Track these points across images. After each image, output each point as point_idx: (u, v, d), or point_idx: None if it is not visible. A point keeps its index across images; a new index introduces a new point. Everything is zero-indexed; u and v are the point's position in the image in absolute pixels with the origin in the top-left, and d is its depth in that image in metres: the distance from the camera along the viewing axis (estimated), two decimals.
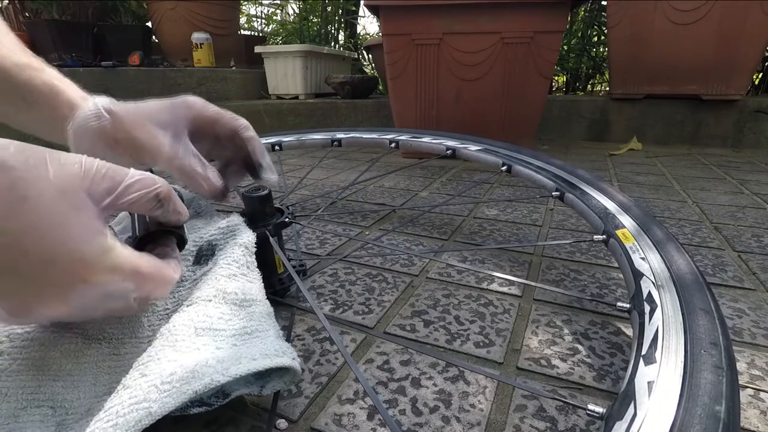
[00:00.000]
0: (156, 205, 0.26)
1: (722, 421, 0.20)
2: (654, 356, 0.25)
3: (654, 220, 0.40)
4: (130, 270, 0.24)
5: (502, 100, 1.16)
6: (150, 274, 0.25)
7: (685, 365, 0.23)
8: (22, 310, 0.22)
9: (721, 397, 0.21)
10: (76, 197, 0.22)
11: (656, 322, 0.28)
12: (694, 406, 0.21)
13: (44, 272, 0.21)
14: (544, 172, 0.55)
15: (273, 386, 0.28)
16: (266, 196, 0.41)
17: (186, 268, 0.34)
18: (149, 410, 0.21)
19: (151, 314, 0.32)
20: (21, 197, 0.19)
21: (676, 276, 0.32)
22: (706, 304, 0.28)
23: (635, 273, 0.34)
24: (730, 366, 0.23)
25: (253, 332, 0.29)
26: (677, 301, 0.29)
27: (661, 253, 0.35)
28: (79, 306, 0.23)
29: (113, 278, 0.23)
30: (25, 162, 0.20)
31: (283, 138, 0.78)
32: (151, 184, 0.25)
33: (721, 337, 0.25)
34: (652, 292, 0.31)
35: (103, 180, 0.23)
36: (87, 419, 0.25)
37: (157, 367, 0.24)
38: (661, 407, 0.21)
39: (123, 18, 2.10)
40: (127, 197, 0.24)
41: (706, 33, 1.31)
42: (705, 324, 0.26)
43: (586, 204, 0.46)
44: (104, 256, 0.22)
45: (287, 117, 1.71)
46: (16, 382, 0.25)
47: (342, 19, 2.62)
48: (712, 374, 0.22)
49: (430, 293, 0.46)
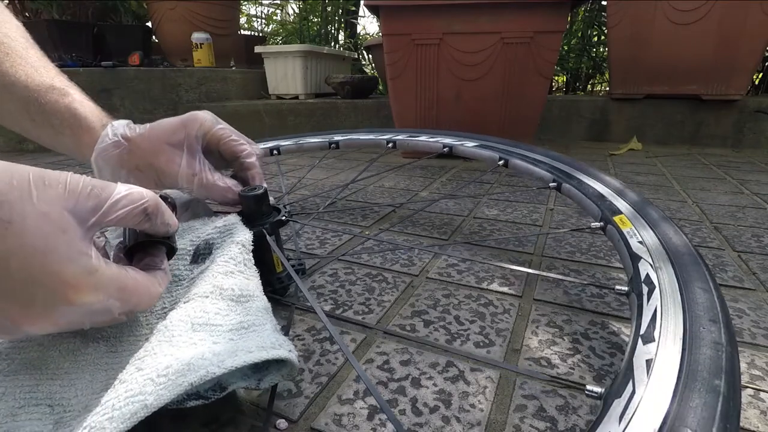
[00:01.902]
0: (144, 219, 0.26)
1: (722, 394, 0.20)
2: (652, 335, 0.25)
3: (649, 202, 0.41)
4: (115, 289, 0.24)
5: (502, 100, 1.16)
6: (135, 289, 0.25)
7: (684, 342, 0.23)
8: (10, 328, 0.22)
9: (720, 372, 0.21)
10: (60, 219, 0.22)
11: (654, 302, 0.28)
12: (693, 381, 0.21)
13: (30, 293, 0.21)
14: (540, 164, 0.55)
15: (271, 380, 0.28)
16: (262, 195, 0.41)
17: (183, 267, 0.35)
18: (145, 403, 0.21)
19: (148, 313, 0.32)
20: (5, 221, 0.20)
21: (673, 255, 0.32)
22: (704, 282, 0.28)
23: (633, 256, 0.34)
24: (730, 341, 0.23)
25: (249, 326, 0.29)
26: (675, 280, 0.29)
27: (658, 234, 0.35)
28: (65, 323, 0.23)
29: (98, 298, 0.23)
30: (8, 184, 0.20)
31: (282, 142, 0.78)
32: (138, 199, 0.26)
33: (720, 313, 0.25)
34: (650, 273, 0.31)
35: (88, 199, 0.23)
36: (84, 416, 0.25)
37: (153, 361, 0.24)
38: (660, 384, 0.21)
39: (123, 18, 2.10)
40: (114, 214, 0.24)
41: (706, 33, 1.31)
42: (703, 301, 0.26)
43: (583, 192, 0.46)
44: (88, 278, 0.23)
45: (287, 117, 1.71)
46: (14, 381, 0.25)
47: (342, 19, 2.62)
48: (711, 350, 0.23)
49: (430, 293, 0.46)
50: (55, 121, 0.36)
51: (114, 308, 0.25)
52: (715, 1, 1.27)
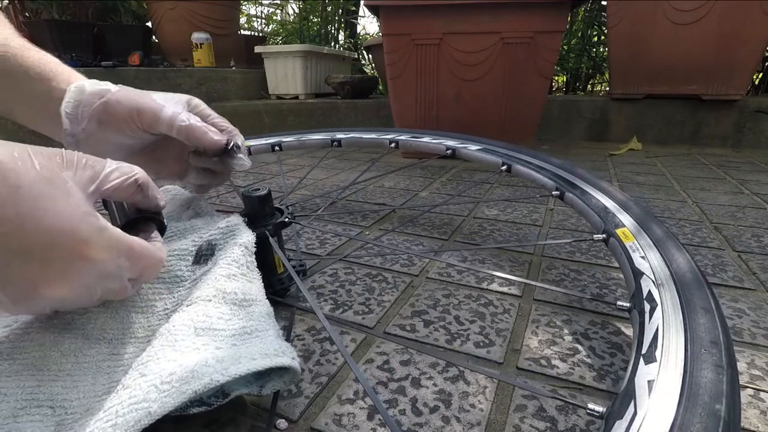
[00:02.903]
0: (137, 191, 0.28)
1: (722, 419, 0.20)
2: (654, 355, 0.25)
3: (653, 218, 0.40)
4: (125, 248, 0.25)
5: (502, 100, 1.16)
6: (142, 252, 0.27)
7: (686, 364, 0.23)
8: (29, 292, 0.23)
9: (721, 396, 0.21)
10: (64, 184, 0.23)
11: (656, 321, 0.28)
12: (694, 404, 0.21)
13: (47, 253, 0.22)
14: (543, 171, 0.55)
15: (273, 386, 0.28)
16: (265, 196, 0.41)
17: (185, 267, 0.34)
18: (149, 410, 0.21)
19: (150, 315, 0.32)
20: (14, 186, 0.21)
21: (676, 274, 0.32)
22: (707, 303, 0.28)
23: (635, 272, 0.34)
24: (731, 364, 0.23)
25: (252, 332, 0.29)
26: (677, 299, 0.29)
27: (661, 252, 0.35)
28: (79, 285, 0.24)
29: (110, 255, 0.24)
30: (11, 155, 0.21)
31: (283, 138, 0.78)
32: (129, 171, 0.28)
33: (721, 335, 0.25)
34: (652, 290, 0.31)
35: (84, 169, 0.25)
36: (86, 419, 0.25)
37: (156, 367, 0.24)
38: (661, 406, 0.21)
39: (123, 18, 2.10)
40: (109, 184, 0.26)
41: (706, 33, 1.31)
42: (705, 323, 0.26)
43: (586, 203, 0.46)
44: (100, 235, 0.24)
45: (287, 117, 1.71)
46: (15, 382, 0.25)
47: (342, 19, 2.62)
48: (712, 373, 0.22)
49: (430, 293, 0.46)
50: (30, 71, 0.35)
51: (124, 270, 0.26)
52: (715, 1, 1.27)
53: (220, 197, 0.88)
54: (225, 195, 0.89)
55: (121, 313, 0.31)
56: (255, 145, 0.76)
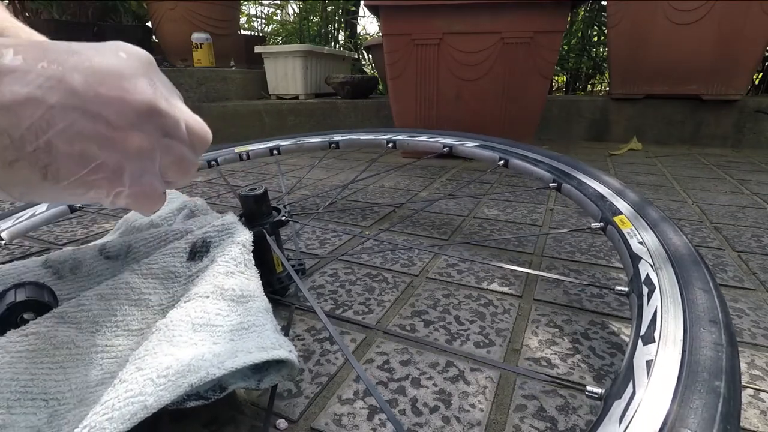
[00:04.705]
0: None
1: (722, 395, 0.20)
2: (653, 335, 0.25)
3: (649, 202, 0.41)
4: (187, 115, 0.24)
5: (502, 100, 1.16)
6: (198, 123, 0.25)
7: (684, 343, 0.23)
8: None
9: (720, 373, 0.21)
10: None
11: (654, 303, 0.28)
12: (693, 382, 0.21)
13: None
14: (540, 164, 0.55)
15: (271, 380, 0.28)
16: (261, 195, 0.41)
17: (180, 264, 0.35)
18: (145, 403, 0.21)
19: (144, 308, 0.32)
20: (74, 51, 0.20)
21: (673, 256, 0.32)
22: (705, 283, 0.28)
23: (633, 257, 0.34)
24: (730, 342, 0.23)
25: (249, 327, 0.29)
26: (675, 281, 0.29)
27: (657, 234, 0.35)
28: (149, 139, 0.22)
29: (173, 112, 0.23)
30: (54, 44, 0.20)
31: (282, 142, 0.78)
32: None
33: (720, 314, 0.25)
34: (650, 274, 0.31)
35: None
36: (79, 409, 0.25)
37: (153, 361, 0.24)
38: (660, 385, 0.21)
39: (123, 18, 2.10)
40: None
41: (706, 33, 1.31)
42: (704, 302, 0.26)
43: (583, 193, 0.46)
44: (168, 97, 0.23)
45: (287, 117, 1.71)
46: (9, 374, 0.25)
47: (342, 19, 2.62)
48: (711, 351, 0.22)
49: (430, 293, 0.46)
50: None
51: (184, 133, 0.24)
52: (715, 1, 1.27)
53: (220, 197, 0.88)
54: (225, 195, 0.89)
55: (114, 305, 0.31)
56: (253, 149, 0.76)
